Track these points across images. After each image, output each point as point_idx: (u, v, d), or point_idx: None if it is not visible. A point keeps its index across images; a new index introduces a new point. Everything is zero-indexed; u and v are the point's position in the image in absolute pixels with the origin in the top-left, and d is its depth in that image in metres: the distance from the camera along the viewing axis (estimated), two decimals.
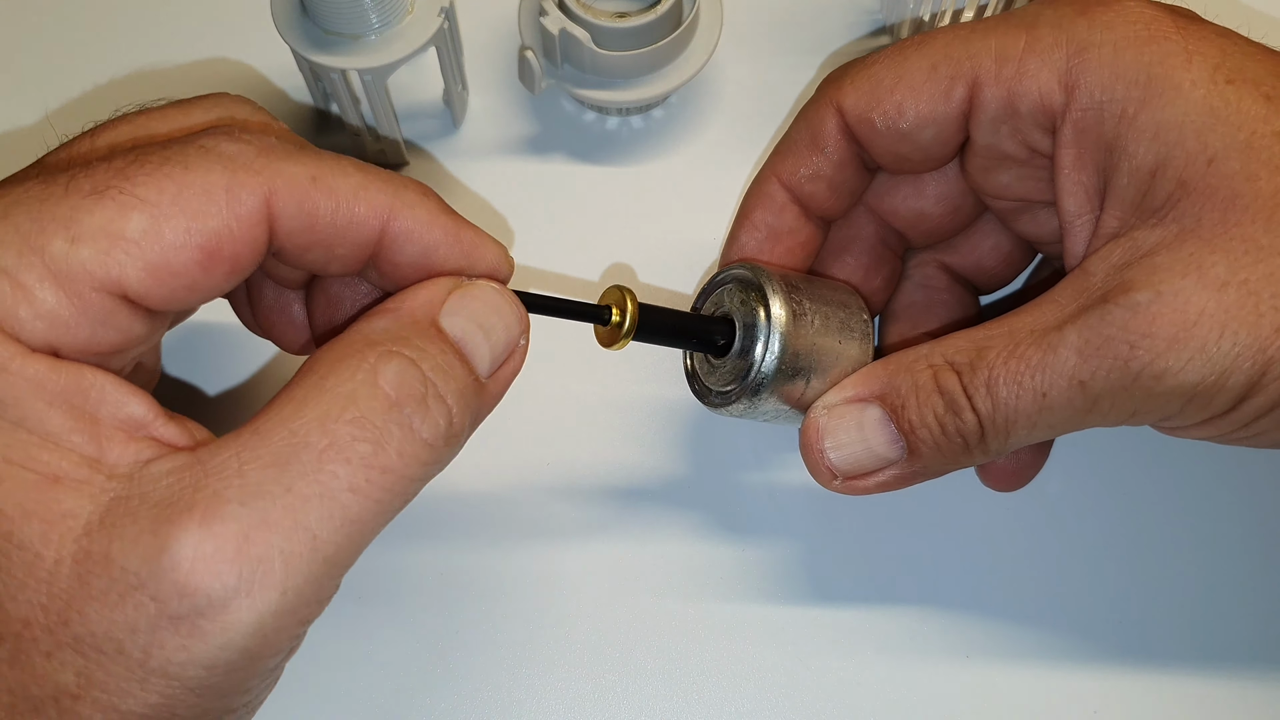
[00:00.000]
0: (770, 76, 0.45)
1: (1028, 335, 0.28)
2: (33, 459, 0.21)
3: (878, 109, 0.31)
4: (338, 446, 0.23)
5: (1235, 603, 0.36)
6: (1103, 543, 0.37)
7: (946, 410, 0.29)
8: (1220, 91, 0.27)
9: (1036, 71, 0.29)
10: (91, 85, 0.44)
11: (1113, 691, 0.35)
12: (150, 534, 0.21)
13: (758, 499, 0.37)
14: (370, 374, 0.23)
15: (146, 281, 0.23)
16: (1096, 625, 0.36)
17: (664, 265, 0.41)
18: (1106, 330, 0.27)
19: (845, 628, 0.36)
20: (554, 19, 0.39)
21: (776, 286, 0.31)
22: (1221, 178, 0.27)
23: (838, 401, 0.32)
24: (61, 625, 0.21)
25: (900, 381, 0.30)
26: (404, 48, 0.37)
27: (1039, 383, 0.28)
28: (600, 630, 0.36)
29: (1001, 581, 0.36)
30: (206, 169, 0.23)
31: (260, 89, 0.44)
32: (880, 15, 0.46)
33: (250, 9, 0.45)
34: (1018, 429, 0.29)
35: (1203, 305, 0.26)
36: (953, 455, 0.30)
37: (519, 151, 0.43)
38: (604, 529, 0.37)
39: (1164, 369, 0.26)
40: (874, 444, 0.31)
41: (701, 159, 0.43)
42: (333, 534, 0.22)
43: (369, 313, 0.26)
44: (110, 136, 0.26)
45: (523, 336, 0.28)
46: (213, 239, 0.23)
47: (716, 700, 0.35)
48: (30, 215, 0.22)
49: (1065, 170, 0.30)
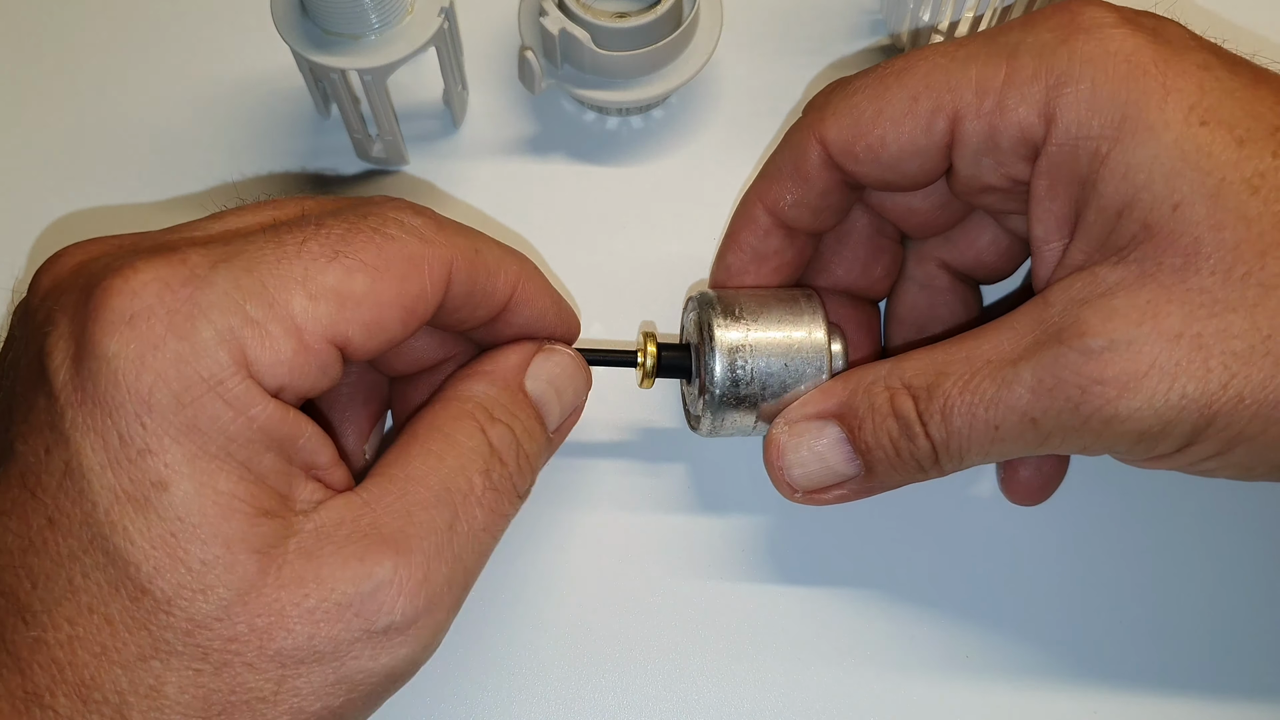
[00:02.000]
0: (770, 77, 0.44)
1: (984, 365, 0.29)
2: (252, 496, 0.24)
3: (860, 143, 0.31)
4: (475, 495, 0.28)
5: (1236, 603, 0.36)
6: (1103, 543, 0.37)
7: (901, 434, 0.30)
8: (1193, 134, 0.27)
9: (1016, 106, 0.29)
10: (81, 94, 0.44)
11: (1112, 692, 0.35)
12: (358, 561, 0.25)
13: (755, 502, 0.37)
14: (485, 436, 0.28)
15: (362, 335, 0.26)
16: (1096, 626, 0.36)
17: (664, 265, 0.41)
18: (1059, 372, 0.28)
19: (844, 630, 0.36)
20: (554, 19, 0.39)
21: (716, 311, 0.33)
22: (1186, 224, 0.27)
23: (798, 418, 0.33)
24: (268, 640, 0.24)
25: (858, 402, 0.31)
26: (404, 48, 0.37)
27: (992, 416, 0.29)
28: (597, 630, 0.36)
29: (1001, 582, 0.36)
30: (405, 240, 0.27)
31: (257, 97, 0.44)
32: (880, 15, 0.46)
33: (250, 9, 0.45)
34: (970, 455, 0.30)
35: (1154, 357, 0.27)
36: (907, 474, 0.31)
37: (519, 151, 0.43)
38: (598, 531, 0.37)
39: (1112, 414, 0.27)
40: (832, 462, 0.32)
41: (701, 159, 0.43)
42: (475, 565, 0.28)
43: (466, 373, 0.31)
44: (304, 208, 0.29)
45: (586, 396, 0.33)
46: (413, 300, 0.27)
47: (714, 705, 0.35)
48: (273, 272, 0.25)
49: (1038, 198, 0.30)
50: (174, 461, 0.23)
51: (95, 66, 0.44)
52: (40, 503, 0.24)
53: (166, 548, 0.23)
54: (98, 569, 0.23)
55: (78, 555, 0.23)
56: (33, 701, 0.23)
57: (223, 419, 0.24)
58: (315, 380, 0.26)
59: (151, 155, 0.43)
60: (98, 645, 0.23)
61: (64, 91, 0.44)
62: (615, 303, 0.40)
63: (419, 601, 0.26)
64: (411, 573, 0.25)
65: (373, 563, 0.25)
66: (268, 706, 0.24)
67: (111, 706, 0.23)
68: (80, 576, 0.23)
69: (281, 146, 0.43)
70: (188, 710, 0.24)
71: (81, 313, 0.24)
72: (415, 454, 0.28)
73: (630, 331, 0.40)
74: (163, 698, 0.23)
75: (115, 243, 0.27)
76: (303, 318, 0.25)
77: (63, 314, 0.24)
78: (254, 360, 0.24)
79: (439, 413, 0.29)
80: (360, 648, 0.25)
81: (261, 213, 0.28)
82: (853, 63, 0.45)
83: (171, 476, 0.23)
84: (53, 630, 0.23)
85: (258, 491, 0.24)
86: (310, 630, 0.24)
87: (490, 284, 0.29)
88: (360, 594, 0.25)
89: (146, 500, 0.23)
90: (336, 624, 0.25)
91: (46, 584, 0.23)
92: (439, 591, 0.26)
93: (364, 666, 0.25)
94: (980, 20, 0.43)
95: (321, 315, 0.25)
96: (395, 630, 0.25)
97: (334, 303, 0.25)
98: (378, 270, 0.26)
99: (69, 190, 0.42)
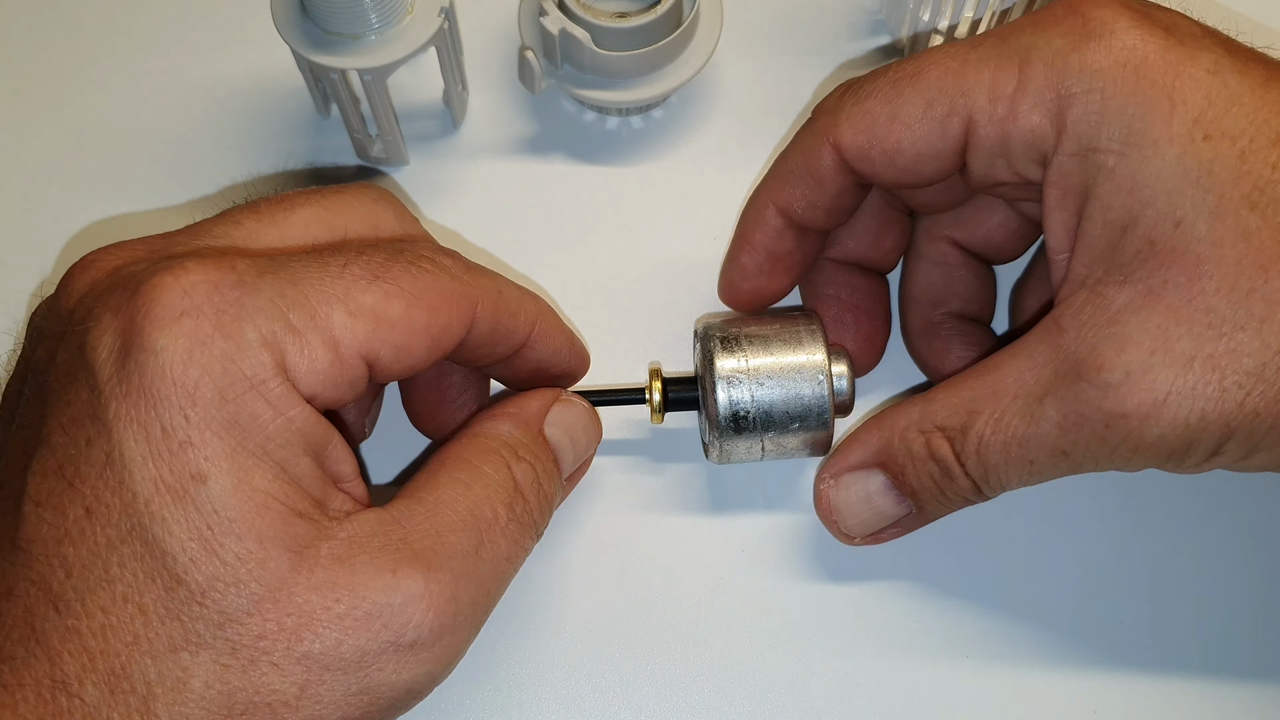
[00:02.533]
0: (770, 76, 0.44)
1: (1011, 401, 0.30)
2: (287, 495, 0.25)
3: (876, 148, 0.32)
4: (500, 525, 0.28)
5: (1238, 603, 0.36)
6: (1105, 542, 0.37)
7: (942, 475, 0.32)
8: (1195, 150, 0.27)
9: (1029, 113, 0.29)
10: (83, 91, 0.44)
11: (1113, 692, 0.35)
12: (390, 573, 0.25)
13: (754, 499, 0.38)
14: (510, 472, 0.30)
15: (391, 356, 0.27)
16: (1097, 625, 0.36)
17: (663, 266, 0.41)
18: (1081, 409, 0.29)
19: (845, 627, 0.36)
20: (554, 19, 0.39)
21: (716, 342, 0.34)
22: (1188, 241, 0.27)
23: (840, 470, 0.34)
24: (296, 641, 0.24)
25: (897, 450, 0.33)
26: (404, 48, 0.37)
27: (1025, 452, 0.30)
28: (593, 629, 0.36)
29: (1002, 581, 0.36)
30: (437, 275, 0.28)
31: (257, 97, 0.44)
32: (880, 15, 0.46)
33: (250, 9, 0.45)
34: (1011, 484, 0.31)
35: (1170, 384, 0.27)
36: (955, 505, 0.33)
37: (519, 152, 0.43)
38: (597, 529, 0.37)
39: (1139, 441, 0.28)
40: (882, 507, 0.34)
41: (702, 159, 0.43)
42: (496, 592, 0.29)
43: (491, 414, 0.32)
44: (304, 215, 0.30)
45: (596, 446, 0.34)
46: (440, 331, 0.28)
47: (715, 700, 0.35)
48: (316, 286, 0.26)
49: (1050, 207, 0.30)
50: (213, 455, 0.24)
51: (94, 67, 0.44)
52: (79, 493, 0.24)
53: (202, 540, 0.24)
54: (135, 559, 0.24)
55: (115, 545, 0.24)
56: (60, 690, 0.23)
57: (263, 417, 0.24)
58: (344, 393, 0.26)
59: (151, 156, 0.43)
60: (130, 634, 0.23)
61: (62, 93, 0.44)
62: (615, 303, 0.40)
63: (445, 619, 0.26)
64: (441, 590, 0.26)
65: (404, 576, 0.25)
66: (288, 712, 0.24)
67: (138, 697, 0.23)
68: (117, 566, 0.24)
69: (281, 147, 0.43)
70: (211, 707, 0.24)
71: (130, 308, 0.24)
72: (443, 481, 0.28)
73: (628, 332, 0.40)
74: (188, 691, 0.24)
75: (145, 247, 0.28)
76: (341, 332, 0.26)
77: (107, 310, 0.25)
78: (292, 366, 0.25)
79: (466, 446, 0.30)
80: (385, 660, 0.25)
81: (274, 215, 0.29)
82: (852, 63, 0.45)
83: (210, 470, 0.24)
84: (86, 619, 0.24)
85: (293, 492, 0.25)
86: (339, 636, 0.25)
87: (511, 323, 0.30)
88: (390, 605, 0.25)
89: (185, 492, 0.24)
90: (364, 633, 0.25)
91: (82, 573, 0.24)
92: (464, 612, 0.27)
93: (387, 679, 0.25)
94: (980, 23, 0.43)
95: (358, 332, 0.26)
96: (421, 646, 0.26)
97: (371, 322, 0.26)
98: (413, 298, 0.27)
99: (70, 193, 0.42)
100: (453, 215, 0.42)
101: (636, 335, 0.40)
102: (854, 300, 0.37)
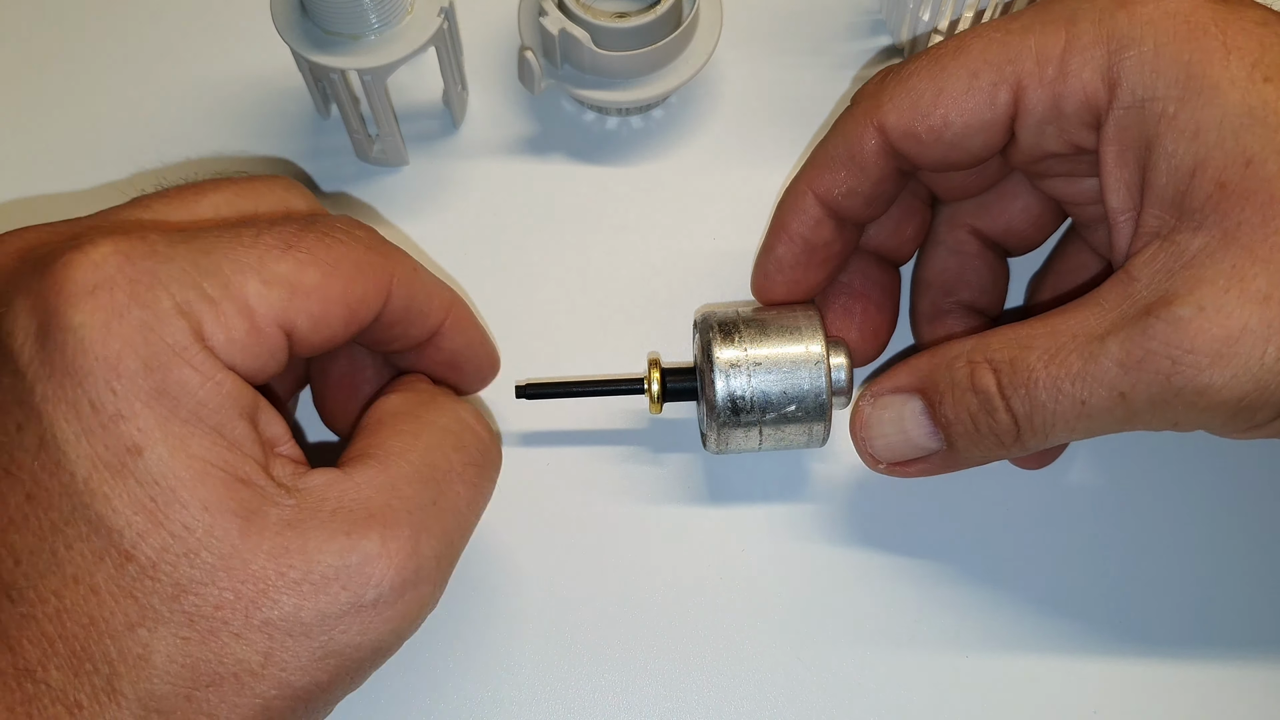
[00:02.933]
0: (770, 77, 0.44)
1: (1070, 340, 0.29)
2: (227, 461, 0.24)
3: (922, 124, 0.31)
4: (456, 472, 0.28)
5: (1240, 602, 0.36)
6: (1106, 541, 0.37)
7: (980, 409, 0.30)
8: (1258, 90, 0.27)
9: (1079, 70, 0.29)
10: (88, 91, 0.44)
11: (1113, 690, 0.35)
12: (344, 535, 0.25)
13: (753, 491, 0.38)
14: (456, 413, 0.29)
15: (308, 326, 0.26)
16: (1097, 623, 0.36)
17: (663, 266, 0.41)
18: (1149, 344, 0.27)
19: (842, 625, 0.36)
20: (554, 19, 0.39)
21: (715, 332, 0.34)
22: (1259, 180, 0.27)
23: (882, 391, 0.33)
24: (255, 609, 0.24)
25: (939, 377, 0.31)
26: (403, 48, 0.37)
27: (1079, 390, 0.28)
28: (591, 620, 0.36)
29: (1001, 580, 0.36)
30: (352, 245, 0.27)
31: (257, 97, 0.44)
32: (880, 15, 0.46)
33: (249, 9, 0.45)
34: (1056, 431, 0.29)
35: (1245, 320, 0.26)
36: (989, 449, 0.31)
37: (519, 152, 0.43)
38: (596, 520, 0.37)
39: (1206, 385, 0.27)
40: (913, 435, 0.32)
41: (701, 159, 0.43)
42: (460, 542, 0.28)
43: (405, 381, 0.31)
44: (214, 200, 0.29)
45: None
46: (357, 301, 0.27)
47: (713, 692, 0.35)
48: (229, 256, 0.25)
49: (1109, 167, 0.30)
50: (146, 426, 0.23)
51: (93, 68, 0.44)
52: (16, 480, 0.24)
53: (146, 512, 0.23)
54: (81, 539, 0.23)
55: (60, 527, 0.23)
56: (25, 677, 0.23)
57: (190, 383, 0.24)
58: (264, 364, 0.26)
59: (149, 155, 0.43)
60: (85, 616, 0.23)
61: (60, 93, 0.44)
62: (615, 303, 0.40)
63: (407, 574, 0.26)
64: (400, 546, 0.26)
65: (359, 536, 0.25)
66: (255, 680, 0.24)
67: (102, 676, 0.23)
68: (64, 548, 0.23)
69: (281, 146, 0.43)
70: (176, 680, 0.24)
71: (41, 287, 0.24)
72: (388, 435, 0.28)
73: (629, 332, 0.40)
74: (150, 666, 0.23)
75: (50, 230, 0.27)
76: (256, 301, 0.25)
77: (18, 293, 0.24)
78: (209, 335, 0.25)
79: (406, 399, 0.30)
80: (348, 621, 0.25)
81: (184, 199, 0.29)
82: (854, 63, 0.45)
83: (145, 440, 0.23)
84: (40, 605, 0.23)
85: (233, 458, 0.24)
86: (297, 601, 0.24)
87: (426, 304, 0.30)
88: (347, 567, 0.25)
89: (123, 466, 0.23)
90: (323, 596, 0.25)
91: (30, 559, 0.23)
92: (426, 566, 0.26)
93: (351, 640, 0.25)
94: (981, 17, 0.43)
95: (274, 301, 0.25)
96: (384, 603, 0.25)
97: (286, 291, 0.26)
98: (329, 267, 0.27)
99: (66, 194, 0.42)
100: (452, 215, 0.42)
101: (636, 335, 0.40)
102: (865, 289, 0.37)
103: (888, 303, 0.38)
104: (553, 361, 0.39)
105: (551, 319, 0.40)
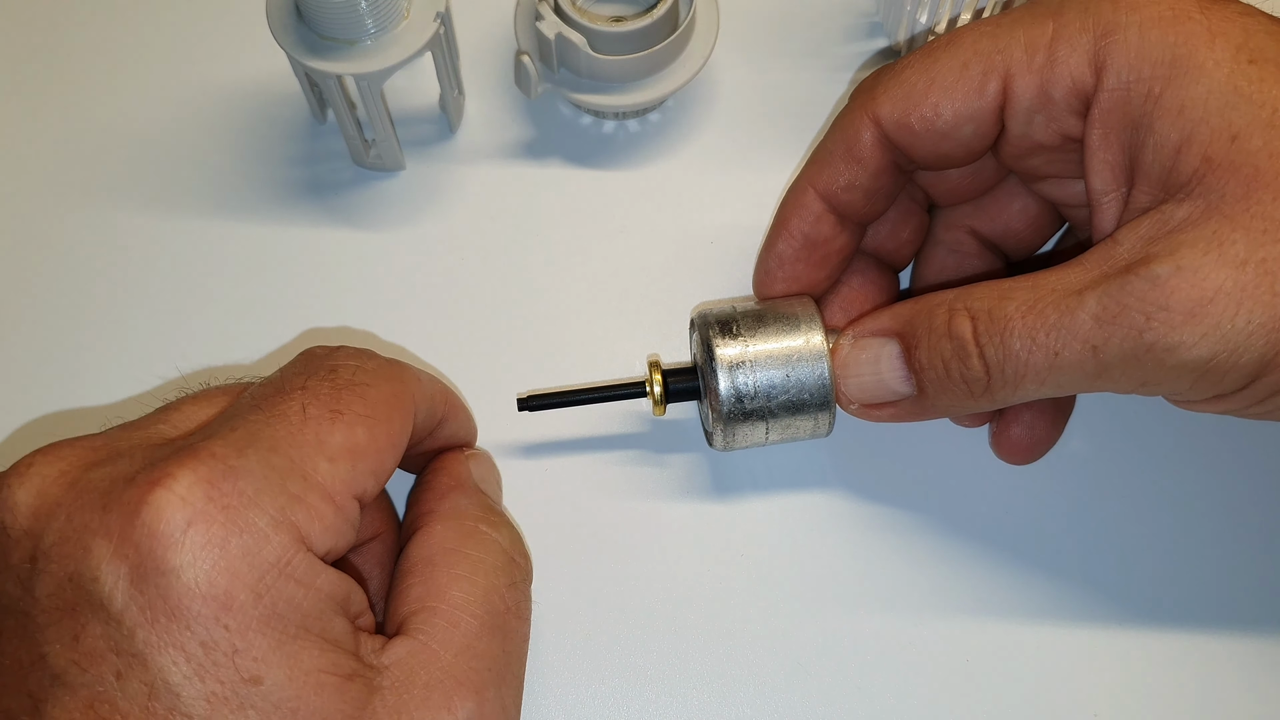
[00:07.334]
0: (767, 80, 0.44)
1: (1049, 294, 0.29)
2: (335, 664, 0.25)
3: (914, 113, 0.32)
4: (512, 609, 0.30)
5: (1241, 602, 0.36)
6: (1107, 541, 0.37)
7: (954, 355, 0.31)
8: (1243, 70, 0.28)
9: (1067, 57, 0.30)
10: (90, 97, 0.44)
11: (1114, 694, 0.35)
12: (445, 710, 0.26)
13: (758, 487, 0.37)
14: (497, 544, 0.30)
15: (373, 483, 0.27)
16: (1098, 627, 0.36)
17: (661, 270, 0.41)
18: (1125, 299, 0.28)
19: (843, 631, 0.36)
20: (550, 24, 0.39)
21: (715, 329, 0.34)
22: (1244, 154, 0.27)
23: (864, 333, 0.33)
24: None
25: (919, 322, 0.32)
26: (400, 53, 0.37)
27: (1053, 341, 0.29)
28: (599, 622, 0.36)
29: (1001, 582, 0.36)
30: (378, 386, 0.28)
31: (253, 102, 0.44)
32: (877, 18, 0.46)
33: (246, 14, 0.45)
34: (1026, 382, 0.30)
35: (1220, 282, 0.27)
36: (959, 398, 0.31)
37: (515, 156, 0.43)
38: (602, 523, 0.37)
39: (1177, 343, 0.27)
40: (886, 378, 0.33)
41: (698, 163, 0.43)
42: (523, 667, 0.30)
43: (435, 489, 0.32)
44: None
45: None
46: (399, 437, 0.28)
47: (718, 690, 0.35)
48: (294, 444, 0.26)
49: (1093, 149, 0.30)
50: (262, 654, 0.24)
51: (90, 71, 0.44)
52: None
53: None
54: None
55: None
56: None
57: (297, 598, 0.24)
58: (348, 537, 0.27)
59: (146, 161, 0.43)
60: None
61: (57, 97, 0.44)
62: (613, 306, 0.40)
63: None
64: (492, 706, 0.27)
65: (459, 707, 0.26)
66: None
67: None
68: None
69: (277, 152, 0.43)
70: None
71: (127, 529, 0.23)
72: (445, 582, 0.29)
73: (627, 335, 0.40)
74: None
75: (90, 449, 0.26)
76: (329, 481, 0.26)
77: (94, 535, 0.24)
78: (307, 534, 0.25)
79: (449, 533, 0.30)
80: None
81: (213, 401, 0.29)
82: (850, 66, 0.45)
83: (263, 670, 0.23)
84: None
85: (337, 658, 0.25)
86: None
87: (435, 406, 0.32)
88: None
89: (243, 700, 0.23)
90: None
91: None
92: (510, 711, 0.28)
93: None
94: (980, 14, 0.43)
95: (342, 474, 0.26)
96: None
97: (349, 461, 0.26)
98: (371, 419, 0.27)
99: (64, 198, 0.42)
100: (449, 220, 0.42)
101: (635, 338, 0.40)
102: (863, 291, 0.37)
103: (885, 304, 0.38)
104: (550, 365, 0.39)
105: (549, 323, 0.40)
